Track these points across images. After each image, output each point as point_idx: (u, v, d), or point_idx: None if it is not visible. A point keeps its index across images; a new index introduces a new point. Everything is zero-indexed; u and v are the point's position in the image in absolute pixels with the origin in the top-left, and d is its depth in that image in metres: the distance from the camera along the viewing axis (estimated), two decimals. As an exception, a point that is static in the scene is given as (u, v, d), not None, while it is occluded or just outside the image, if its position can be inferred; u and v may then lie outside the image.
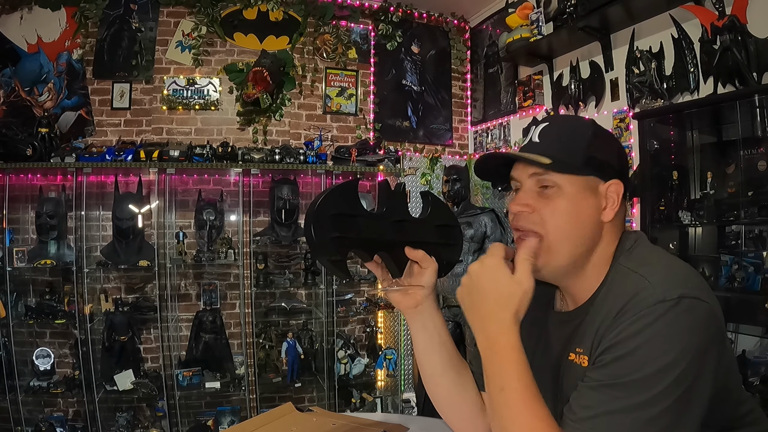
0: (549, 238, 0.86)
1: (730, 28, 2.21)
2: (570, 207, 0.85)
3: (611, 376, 0.74)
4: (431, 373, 1.02)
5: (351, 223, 0.82)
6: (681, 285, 0.76)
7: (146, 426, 3.39)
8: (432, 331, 0.98)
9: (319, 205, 0.79)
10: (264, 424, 0.99)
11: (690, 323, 0.73)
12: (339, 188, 0.83)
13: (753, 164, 2.12)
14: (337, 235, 0.80)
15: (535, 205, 0.87)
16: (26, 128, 3.25)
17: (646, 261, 0.84)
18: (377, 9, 4.10)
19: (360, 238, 0.83)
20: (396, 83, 4.22)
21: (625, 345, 0.74)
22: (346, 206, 0.82)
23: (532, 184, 0.88)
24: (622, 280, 0.82)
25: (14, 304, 3.13)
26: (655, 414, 0.71)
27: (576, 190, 0.86)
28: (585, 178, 0.86)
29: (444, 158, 4.12)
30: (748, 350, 2.15)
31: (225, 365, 3.50)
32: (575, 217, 0.86)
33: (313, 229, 0.79)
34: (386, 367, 3.63)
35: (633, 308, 0.75)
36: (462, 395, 1.03)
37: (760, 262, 2.10)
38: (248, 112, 3.79)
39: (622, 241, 0.90)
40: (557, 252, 0.86)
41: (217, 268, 3.61)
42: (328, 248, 0.80)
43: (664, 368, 0.71)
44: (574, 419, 0.75)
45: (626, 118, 2.88)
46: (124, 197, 3.34)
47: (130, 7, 3.66)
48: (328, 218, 0.80)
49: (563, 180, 0.85)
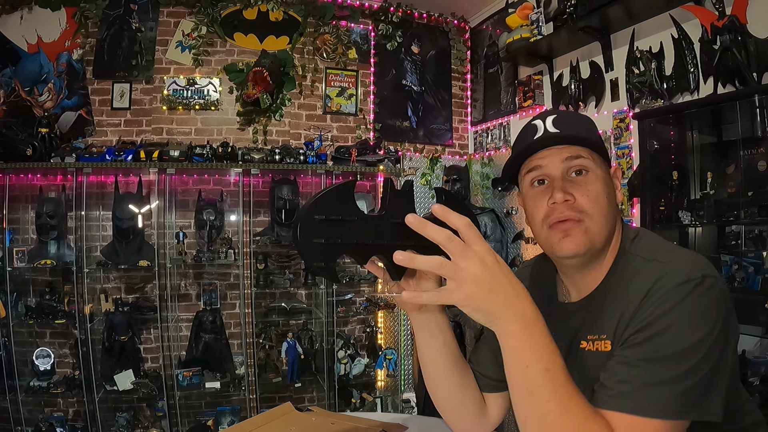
0: (594, 221, 0.87)
1: (730, 28, 2.21)
2: (605, 189, 0.89)
3: (648, 352, 0.76)
4: (435, 375, 1.02)
5: (341, 228, 0.79)
6: (701, 267, 0.80)
7: (146, 426, 3.39)
8: (437, 333, 0.97)
9: (307, 208, 0.77)
10: (263, 424, 0.99)
11: (714, 300, 0.77)
12: (331, 190, 0.79)
13: (753, 164, 2.12)
14: (323, 241, 0.77)
15: (574, 192, 0.88)
16: (26, 128, 3.25)
17: (658, 249, 0.87)
18: (377, 9, 4.10)
19: (351, 244, 0.79)
20: (396, 83, 4.22)
21: (658, 323, 0.76)
22: (338, 210, 0.79)
23: (564, 172, 0.89)
24: (639, 268, 0.85)
25: (14, 304, 3.13)
26: (690, 386, 0.74)
27: (604, 172, 0.90)
28: (605, 161, 0.91)
29: (444, 158, 4.12)
30: (748, 350, 2.14)
31: (225, 365, 3.50)
32: (609, 198, 0.89)
33: (299, 234, 0.76)
34: (386, 367, 3.63)
35: (660, 289, 0.78)
36: (465, 396, 1.03)
37: (760, 262, 2.09)
38: (248, 112, 3.79)
39: (625, 231, 0.93)
40: (600, 234, 0.88)
41: (217, 268, 3.61)
42: (314, 253, 0.77)
43: (697, 342, 0.74)
44: (611, 394, 0.76)
45: (626, 118, 2.88)
46: (124, 197, 3.34)
47: (130, 7, 3.66)
48: (316, 223, 0.77)
49: (594, 164, 0.89)
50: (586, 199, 0.87)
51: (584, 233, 0.87)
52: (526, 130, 0.94)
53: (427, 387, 1.05)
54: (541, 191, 0.91)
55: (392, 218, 0.84)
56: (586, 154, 0.89)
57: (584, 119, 0.96)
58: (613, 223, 0.90)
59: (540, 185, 0.92)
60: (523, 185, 0.96)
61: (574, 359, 0.88)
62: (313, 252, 0.77)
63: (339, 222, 0.79)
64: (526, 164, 0.94)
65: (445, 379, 1.02)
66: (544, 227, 0.91)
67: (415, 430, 1.12)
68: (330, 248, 0.78)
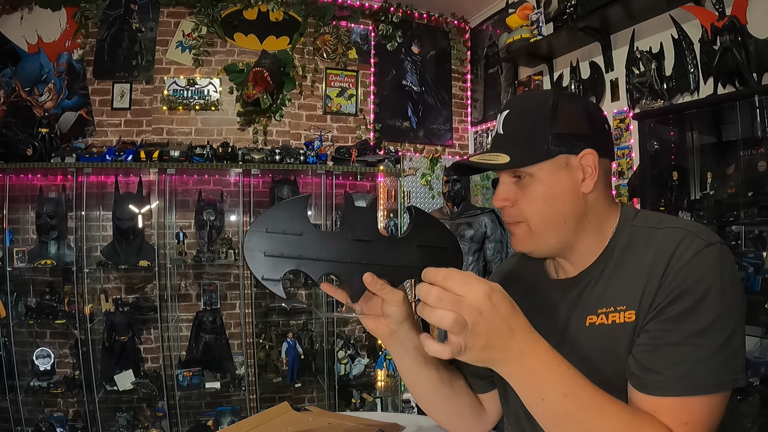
0: (532, 225, 0.87)
1: (730, 29, 2.21)
2: (545, 191, 0.86)
3: (692, 326, 0.74)
4: (423, 393, 1.00)
5: (288, 242, 0.77)
6: (712, 232, 0.81)
7: (146, 426, 3.40)
8: (414, 354, 0.92)
9: (256, 221, 0.77)
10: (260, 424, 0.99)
11: (732, 263, 0.80)
12: (281, 204, 0.79)
13: (753, 165, 2.12)
14: (266, 252, 0.76)
15: (514, 196, 0.88)
16: (26, 128, 3.26)
17: (664, 219, 0.86)
18: (377, 9, 4.10)
19: (294, 258, 0.77)
20: (396, 83, 4.22)
21: (693, 291, 0.75)
22: (286, 223, 0.77)
23: (509, 176, 0.89)
24: (651, 236, 0.84)
25: (14, 304, 3.14)
26: (733, 351, 0.74)
27: (547, 173, 0.86)
28: (554, 159, 0.85)
29: (444, 158, 4.12)
30: (748, 350, 2.14)
31: (225, 365, 3.50)
32: (552, 199, 0.86)
33: (244, 245, 0.76)
34: (386, 368, 3.63)
35: (685, 253, 0.77)
36: (459, 403, 1.02)
37: (760, 262, 2.09)
38: (248, 113, 3.79)
39: (624, 207, 0.92)
40: (544, 235, 0.88)
41: (217, 268, 3.62)
42: (256, 265, 0.76)
43: (731, 306, 0.76)
44: (667, 379, 0.73)
45: (626, 119, 2.88)
46: (125, 197, 3.34)
47: (130, 8, 3.67)
48: (259, 236, 0.76)
49: (533, 168, 0.86)
50: (525, 204, 0.87)
51: (526, 236, 0.88)
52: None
53: (418, 403, 1.03)
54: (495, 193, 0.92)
55: (353, 235, 0.80)
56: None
57: (531, 116, 0.87)
58: (565, 218, 0.86)
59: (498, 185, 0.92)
60: None
61: (584, 335, 0.85)
62: (255, 264, 0.76)
63: (288, 235, 0.77)
64: None
65: (434, 395, 1.00)
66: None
67: (413, 430, 1.12)
68: (271, 261, 0.77)
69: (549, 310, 0.92)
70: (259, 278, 0.77)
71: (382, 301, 0.84)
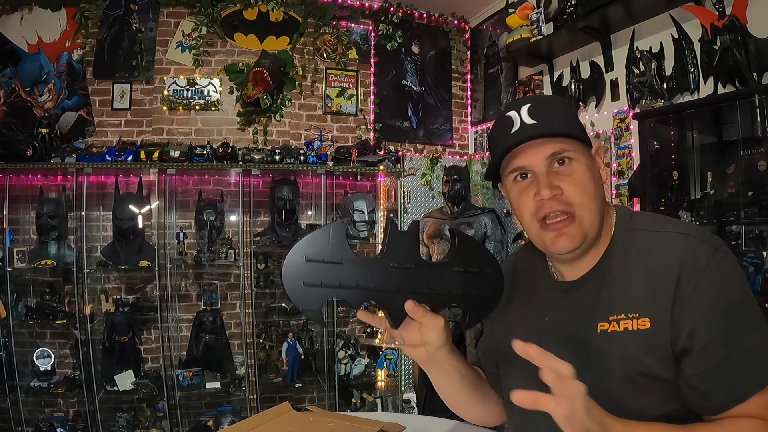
0: (581, 211, 0.84)
1: (730, 29, 2.21)
2: (590, 175, 0.85)
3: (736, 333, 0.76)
4: (457, 401, 1.04)
5: (327, 270, 0.75)
6: (712, 234, 0.83)
7: (146, 426, 3.40)
8: (451, 372, 0.95)
9: (294, 248, 0.75)
10: (260, 424, 0.99)
11: (735, 258, 0.82)
12: (318, 232, 0.77)
13: (753, 164, 2.12)
14: (305, 282, 0.75)
15: (561, 184, 0.84)
16: (26, 128, 3.25)
17: (662, 221, 0.87)
18: (377, 9, 4.10)
19: (339, 287, 0.76)
20: (396, 83, 4.22)
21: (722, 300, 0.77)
22: (325, 251, 0.76)
23: (548, 165, 0.84)
24: (652, 239, 0.84)
25: (15, 304, 3.14)
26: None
27: (587, 157, 0.87)
28: (585, 144, 0.87)
29: (444, 158, 4.12)
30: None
31: (225, 365, 3.50)
32: (596, 183, 0.86)
33: (283, 275, 0.75)
34: (386, 368, 3.63)
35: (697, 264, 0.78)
36: (488, 404, 1.06)
37: (760, 262, 2.09)
38: (248, 113, 3.79)
39: (618, 209, 0.92)
40: (591, 222, 0.85)
41: (218, 268, 3.62)
42: (296, 295, 0.75)
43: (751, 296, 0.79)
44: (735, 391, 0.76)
45: (626, 119, 2.88)
46: (125, 197, 3.34)
47: (130, 8, 3.67)
48: (301, 263, 0.74)
49: (577, 152, 0.85)
50: (573, 189, 0.83)
51: (578, 228, 0.84)
52: (500, 125, 0.88)
53: (449, 407, 1.06)
54: (525, 186, 0.87)
55: (393, 262, 0.78)
56: (568, 145, 0.84)
57: (560, 104, 0.93)
58: (602, 206, 0.87)
59: (524, 179, 0.87)
60: (506, 180, 0.91)
61: (595, 343, 0.84)
62: (295, 294, 0.75)
63: (327, 264, 0.76)
64: (506, 162, 0.88)
65: (467, 403, 1.04)
66: (535, 223, 0.86)
67: (414, 430, 1.12)
68: (311, 291, 0.75)
69: (552, 313, 0.92)
70: (299, 308, 0.76)
71: (419, 325, 0.84)
